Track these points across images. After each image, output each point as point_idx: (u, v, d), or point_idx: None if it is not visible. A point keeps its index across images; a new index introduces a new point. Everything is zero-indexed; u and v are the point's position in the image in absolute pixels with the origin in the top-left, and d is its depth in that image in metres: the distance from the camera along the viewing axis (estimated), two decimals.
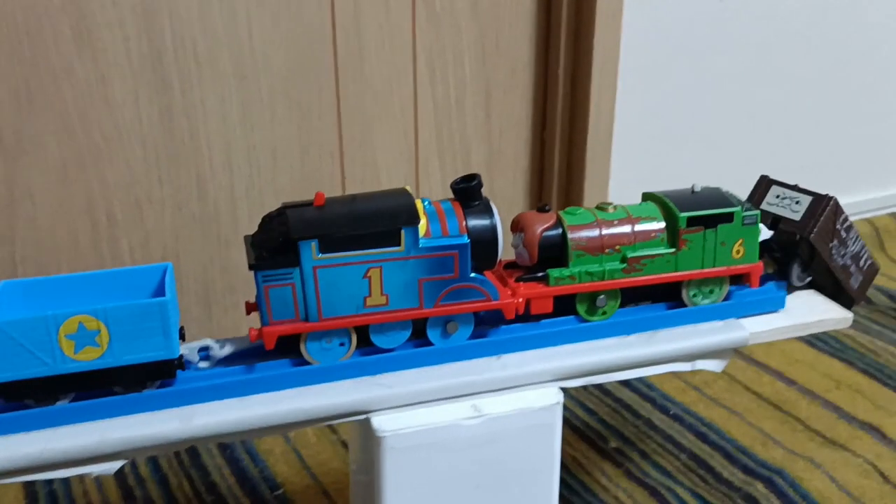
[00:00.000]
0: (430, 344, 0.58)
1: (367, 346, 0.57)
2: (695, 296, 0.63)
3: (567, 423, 0.96)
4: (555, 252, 0.60)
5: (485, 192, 0.58)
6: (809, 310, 0.65)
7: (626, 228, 0.61)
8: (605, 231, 0.60)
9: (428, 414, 0.55)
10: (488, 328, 0.60)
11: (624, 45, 1.11)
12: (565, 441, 0.92)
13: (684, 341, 0.61)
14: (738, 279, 0.65)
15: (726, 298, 0.64)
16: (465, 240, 0.55)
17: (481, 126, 1.12)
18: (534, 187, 1.19)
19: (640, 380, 1.03)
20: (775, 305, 0.64)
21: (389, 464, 0.54)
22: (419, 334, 0.58)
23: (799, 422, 0.95)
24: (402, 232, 0.54)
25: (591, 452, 0.91)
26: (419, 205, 0.56)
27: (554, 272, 0.60)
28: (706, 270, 0.62)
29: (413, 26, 1.04)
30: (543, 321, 0.60)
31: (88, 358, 0.51)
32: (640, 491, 0.85)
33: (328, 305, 0.54)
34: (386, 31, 1.02)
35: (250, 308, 0.58)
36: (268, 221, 0.55)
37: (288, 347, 0.56)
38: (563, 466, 0.89)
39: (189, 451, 0.91)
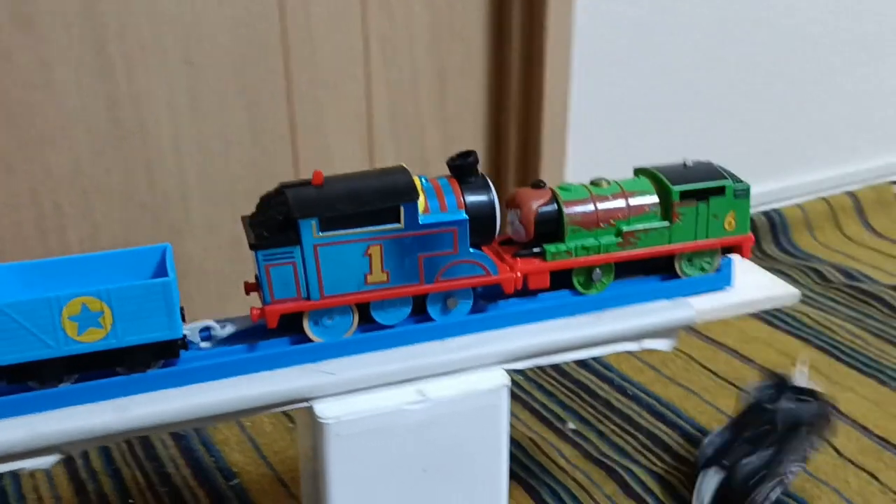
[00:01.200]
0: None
1: (368, 322, 0.57)
2: (688, 268, 0.64)
3: (525, 405, 0.96)
4: (550, 227, 0.61)
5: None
6: (756, 287, 0.65)
7: (621, 203, 0.62)
8: (599, 206, 0.61)
9: (372, 399, 0.54)
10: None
11: (577, 28, 1.11)
12: (524, 423, 0.92)
13: (632, 320, 0.60)
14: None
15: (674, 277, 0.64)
16: (464, 216, 0.56)
17: (436, 111, 1.11)
18: (490, 172, 1.18)
19: (598, 361, 1.03)
20: (723, 283, 0.64)
21: (333, 450, 0.53)
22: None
23: None
24: (402, 209, 0.54)
25: (550, 434, 0.91)
26: (417, 182, 0.56)
27: (550, 247, 0.60)
28: (699, 242, 0.63)
29: (364, 10, 1.03)
30: (503, 302, 0.61)
31: (92, 339, 0.51)
32: (597, 471, 0.85)
33: (329, 283, 0.54)
34: (336, 14, 1.01)
35: (249, 288, 0.58)
36: (266, 201, 0.55)
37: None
38: (521, 448, 0.89)
39: (142, 443, 0.89)
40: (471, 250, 0.57)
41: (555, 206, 0.61)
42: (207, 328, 0.57)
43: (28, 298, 0.49)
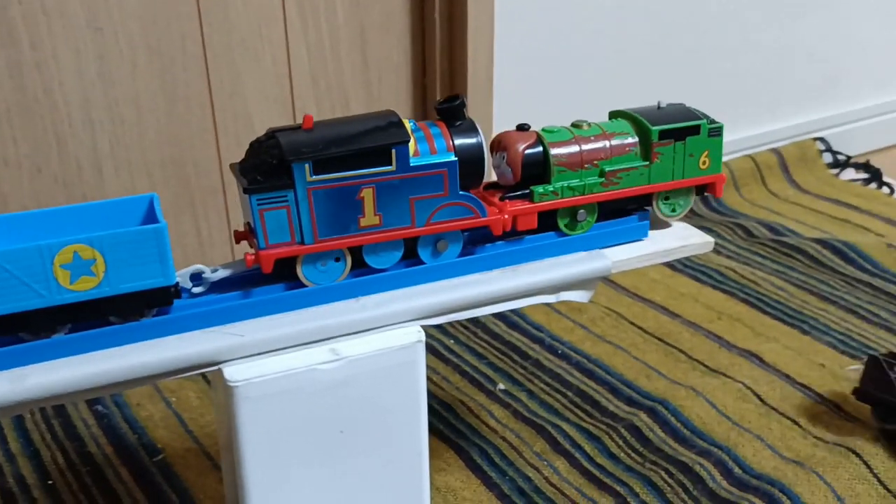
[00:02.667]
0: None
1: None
2: (664, 207, 0.67)
3: (457, 368, 0.95)
4: (537, 170, 0.62)
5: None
6: (671, 237, 0.65)
7: (603, 144, 0.64)
8: (583, 147, 0.63)
9: (283, 361, 0.53)
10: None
11: None
12: (454, 386, 0.92)
13: (547, 273, 0.60)
14: (608, 214, 0.65)
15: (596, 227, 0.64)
16: (454, 158, 0.57)
17: (359, 72, 1.09)
18: None
19: (528, 322, 1.03)
20: (638, 234, 0.64)
21: (244, 414, 0.52)
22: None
23: (682, 353, 0.97)
24: (394, 151, 0.55)
25: (480, 395, 0.91)
26: (406, 125, 0.57)
27: (538, 188, 0.62)
28: (676, 182, 0.66)
29: None
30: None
31: (85, 288, 0.50)
32: (527, 430, 0.86)
33: (323, 227, 0.55)
34: None
35: (239, 237, 0.58)
36: (256, 147, 0.55)
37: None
38: (451, 411, 0.89)
39: (62, 422, 0.87)
40: (460, 192, 0.58)
41: (540, 148, 0.62)
42: (198, 274, 0.56)
43: (19, 247, 0.48)
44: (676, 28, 1.31)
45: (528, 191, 0.62)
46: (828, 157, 1.48)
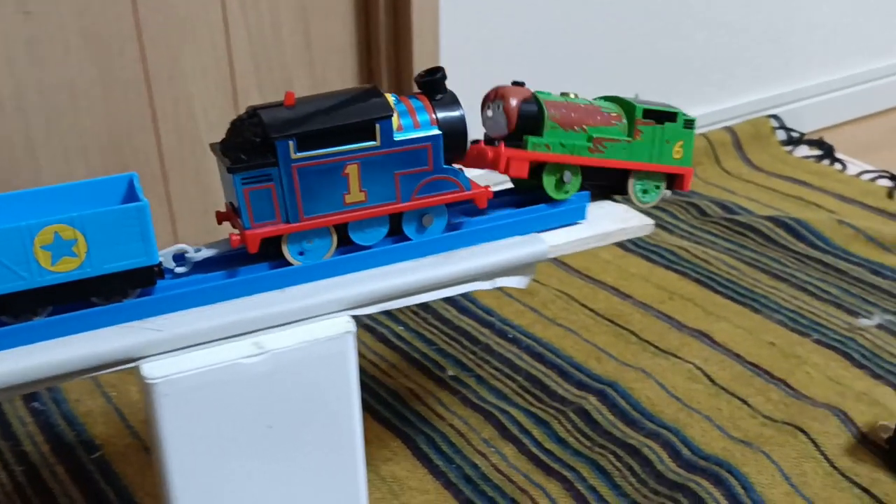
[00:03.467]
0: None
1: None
2: (638, 188, 0.69)
3: (405, 355, 0.94)
4: (530, 123, 0.64)
5: None
6: (610, 219, 0.64)
7: (592, 110, 0.66)
8: (573, 110, 0.65)
9: (205, 355, 0.51)
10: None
11: None
12: (402, 373, 0.91)
13: (482, 259, 0.59)
14: (542, 198, 0.65)
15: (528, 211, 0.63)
16: (438, 131, 0.57)
17: (302, 54, 1.06)
18: None
19: (479, 306, 1.02)
20: (576, 217, 0.63)
21: (163, 412, 0.50)
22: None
23: (632, 334, 0.97)
24: (377, 126, 0.54)
25: (429, 382, 0.89)
26: (389, 99, 0.56)
27: (531, 138, 0.63)
28: (653, 164, 0.69)
29: None
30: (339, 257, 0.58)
31: (66, 269, 0.49)
32: (475, 416, 0.84)
33: (308, 205, 0.54)
34: None
35: (221, 218, 0.58)
36: (238, 125, 0.54)
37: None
38: (399, 398, 0.87)
39: None
40: (444, 166, 0.58)
41: (535, 103, 0.64)
42: (181, 254, 0.55)
43: None
44: (629, 6, 1.30)
45: (520, 141, 0.63)
46: (781, 135, 1.48)
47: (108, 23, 0.93)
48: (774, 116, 1.48)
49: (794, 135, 1.48)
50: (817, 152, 1.44)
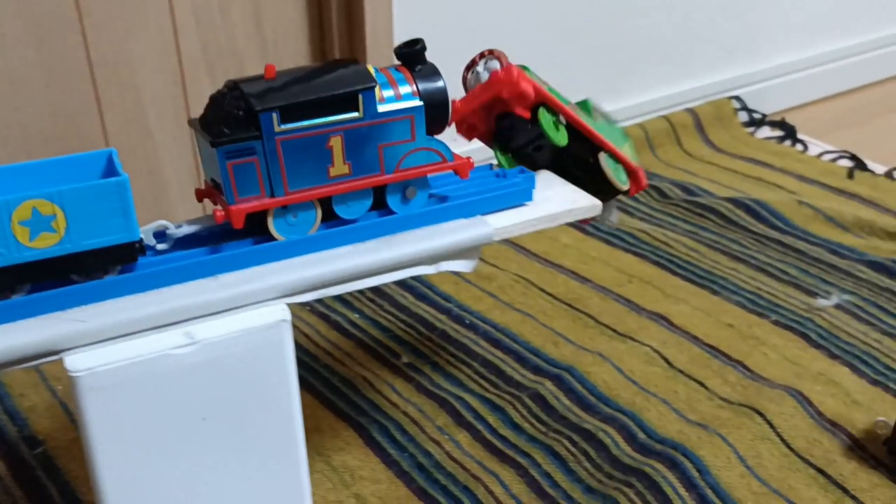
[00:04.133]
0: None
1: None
2: (611, 164, 0.72)
3: (359, 342, 0.92)
4: None
5: None
6: (557, 201, 0.63)
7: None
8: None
9: (132, 347, 0.49)
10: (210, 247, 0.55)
11: None
12: (356, 361, 0.89)
13: (424, 242, 0.57)
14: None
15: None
16: (420, 102, 0.57)
17: (252, 36, 1.04)
18: None
19: (436, 292, 1.00)
20: (522, 198, 0.62)
21: (89, 406, 0.48)
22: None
23: (591, 318, 0.96)
24: (360, 97, 0.54)
25: (383, 370, 0.88)
26: (370, 70, 0.56)
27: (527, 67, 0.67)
28: (618, 150, 0.73)
29: None
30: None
31: (45, 245, 0.48)
32: (430, 404, 0.83)
33: (293, 178, 0.54)
34: None
35: (202, 195, 0.57)
36: (218, 100, 0.53)
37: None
38: (352, 387, 0.86)
39: None
40: (427, 137, 0.58)
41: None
42: (162, 231, 0.54)
43: None
44: None
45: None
46: (743, 116, 1.48)
47: (48, 10, 0.90)
48: (736, 97, 1.47)
49: (756, 116, 1.48)
50: (779, 133, 1.44)
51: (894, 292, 0.99)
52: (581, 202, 0.62)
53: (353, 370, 0.88)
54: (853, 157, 1.33)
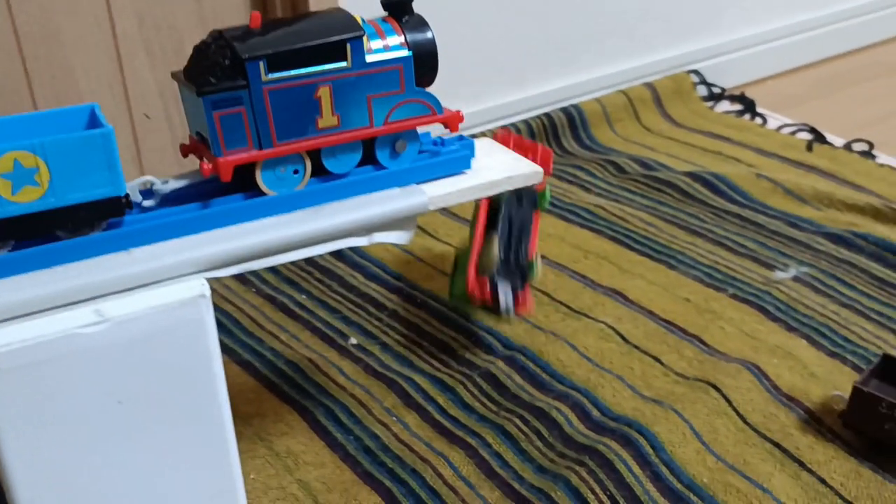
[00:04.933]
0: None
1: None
2: None
3: (307, 324, 0.89)
4: None
5: None
6: (497, 168, 0.60)
7: None
8: None
9: (37, 326, 0.46)
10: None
11: None
12: (303, 343, 0.86)
13: (355, 213, 0.54)
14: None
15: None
16: (409, 53, 0.56)
17: (192, 12, 1.00)
18: None
19: (388, 272, 0.97)
20: (460, 166, 0.59)
21: None
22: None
23: (546, 295, 0.93)
24: (348, 46, 0.53)
25: (330, 352, 0.85)
26: (357, 20, 0.55)
27: None
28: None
29: None
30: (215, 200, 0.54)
31: (28, 199, 0.47)
32: (378, 385, 0.80)
33: (281, 130, 0.53)
34: None
35: (186, 150, 0.56)
36: (203, 50, 0.52)
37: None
38: (298, 370, 0.83)
39: None
40: (416, 89, 0.57)
41: None
42: (148, 187, 0.53)
43: None
44: None
45: None
46: (702, 90, 1.46)
47: None
48: (695, 72, 1.45)
49: (716, 90, 1.46)
50: (738, 107, 1.43)
51: (852, 264, 0.98)
52: (521, 169, 0.60)
53: (299, 353, 0.85)
54: (812, 131, 1.32)
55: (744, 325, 0.88)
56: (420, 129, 0.58)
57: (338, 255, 1.01)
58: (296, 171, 0.54)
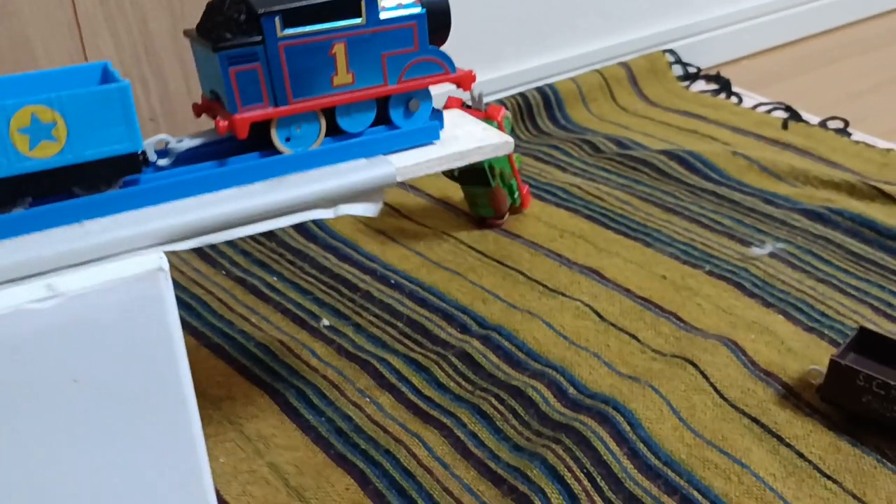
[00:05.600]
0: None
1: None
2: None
3: (278, 306, 0.87)
4: None
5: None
6: (466, 139, 0.58)
7: None
8: None
9: None
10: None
11: None
12: (273, 325, 0.84)
13: (319, 184, 0.52)
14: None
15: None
16: (422, 10, 0.56)
17: None
18: None
19: (361, 252, 0.96)
20: (429, 137, 0.57)
21: None
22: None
23: (521, 274, 0.92)
24: (362, 2, 0.53)
25: (302, 333, 0.83)
26: None
27: None
28: None
29: None
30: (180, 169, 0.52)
31: (46, 155, 0.46)
32: (351, 366, 0.79)
33: (297, 87, 0.53)
34: None
35: (199, 110, 0.56)
36: (216, 6, 0.52)
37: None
38: (269, 352, 0.81)
39: None
40: (430, 47, 0.57)
41: None
42: (164, 145, 0.52)
43: None
44: None
45: None
46: (678, 70, 1.45)
47: None
48: (670, 51, 1.44)
49: (691, 69, 1.45)
50: (714, 86, 1.42)
51: (828, 240, 0.97)
52: (492, 139, 0.58)
53: (270, 335, 0.83)
54: (788, 109, 1.32)
55: (720, 302, 0.87)
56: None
57: (310, 236, 0.99)
58: (311, 130, 0.55)
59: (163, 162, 0.53)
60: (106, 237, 0.47)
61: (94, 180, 0.49)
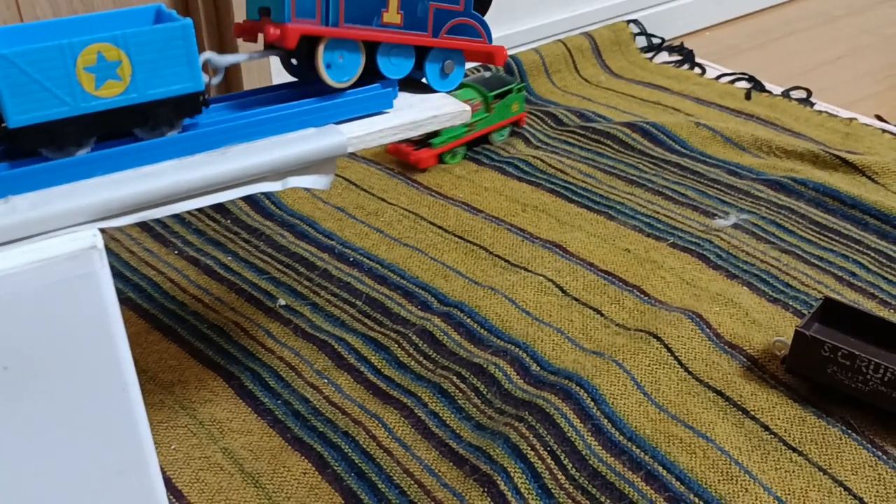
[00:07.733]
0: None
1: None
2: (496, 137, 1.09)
3: (232, 286, 0.84)
4: None
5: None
6: (422, 107, 0.56)
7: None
8: None
9: None
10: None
11: None
12: (227, 306, 0.81)
13: (265, 154, 0.50)
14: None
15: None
16: None
17: None
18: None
19: (318, 230, 0.93)
20: (381, 105, 0.55)
21: None
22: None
23: (483, 250, 0.90)
24: None
25: (258, 314, 0.81)
26: None
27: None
28: (501, 122, 1.09)
29: None
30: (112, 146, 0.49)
31: (111, 94, 0.46)
32: (308, 347, 0.76)
33: (349, 12, 0.53)
34: None
35: (241, 30, 0.56)
36: None
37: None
38: (224, 335, 0.78)
39: None
40: (474, 11, 0.59)
41: None
42: (204, 63, 0.51)
43: (38, 46, 0.43)
44: None
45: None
46: (641, 41, 1.43)
47: None
48: (634, 21, 1.42)
49: (655, 40, 1.44)
50: (677, 58, 1.40)
51: (792, 210, 0.96)
52: (448, 108, 0.56)
53: (224, 316, 0.80)
54: (751, 79, 1.31)
55: (684, 274, 0.86)
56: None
57: (266, 213, 0.96)
58: (353, 61, 0.55)
59: (216, 80, 0.52)
60: (35, 213, 0.44)
61: (157, 121, 0.48)
